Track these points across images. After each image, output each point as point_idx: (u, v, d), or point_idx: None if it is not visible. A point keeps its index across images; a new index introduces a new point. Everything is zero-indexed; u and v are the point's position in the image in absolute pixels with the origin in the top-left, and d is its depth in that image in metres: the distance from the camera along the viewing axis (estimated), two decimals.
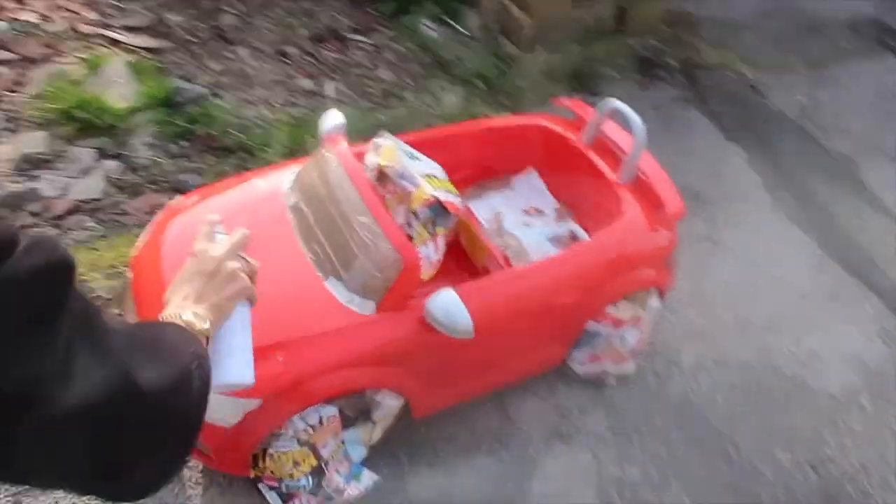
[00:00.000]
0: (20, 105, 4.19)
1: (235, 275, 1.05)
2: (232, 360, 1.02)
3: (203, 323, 0.96)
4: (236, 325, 1.04)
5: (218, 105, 4.32)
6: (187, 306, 0.99)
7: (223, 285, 1.03)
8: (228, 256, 1.06)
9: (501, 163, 3.34)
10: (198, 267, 1.05)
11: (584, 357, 2.98)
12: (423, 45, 5.04)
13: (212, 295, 1.02)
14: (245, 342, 1.05)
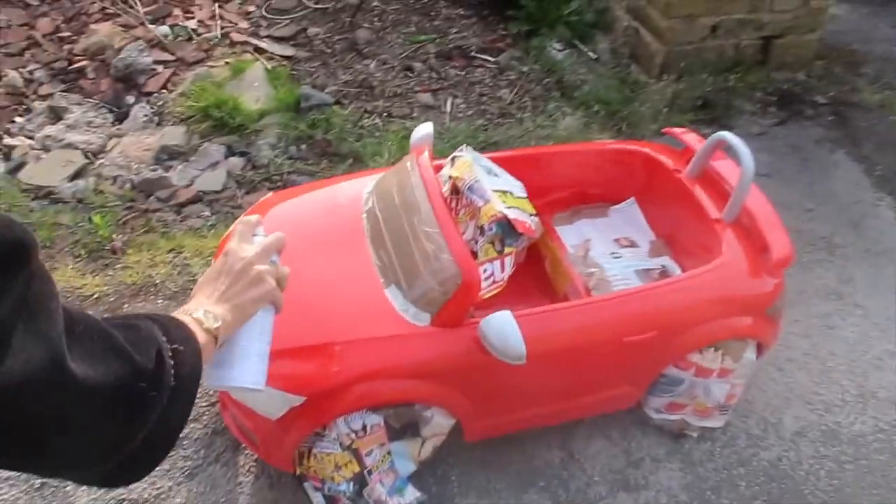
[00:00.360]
0: (168, 102, 4.61)
1: (261, 278, 1.03)
2: (245, 362, 1.02)
3: (214, 322, 0.96)
4: (255, 328, 1.04)
5: (339, 113, 4.51)
6: (205, 304, 1.00)
7: (247, 287, 1.02)
8: (258, 259, 1.05)
9: (599, 188, 3.19)
10: (226, 266, 1.05)
11: (662, 404, 2.75)
12: (548, 67, 4.97)
13: (234, 296, 1.01)
14: (262, 347, 1.05)
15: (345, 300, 2.36)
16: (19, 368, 0.69)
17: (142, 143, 4.36)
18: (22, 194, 3.73)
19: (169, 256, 3.41)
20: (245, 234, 1.11)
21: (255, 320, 1.04)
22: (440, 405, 2.37)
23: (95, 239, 3.44)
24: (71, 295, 3.15)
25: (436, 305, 2.29)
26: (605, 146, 3.24)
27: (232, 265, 1.04)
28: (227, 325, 0.99)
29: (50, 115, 4.47)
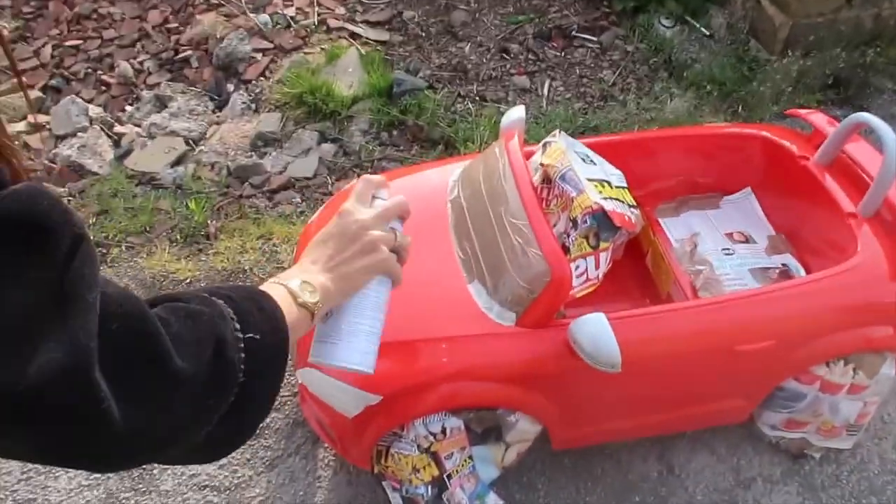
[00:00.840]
0: (265, 89, 4.65)
1: (376, 245, 0.91)
2: (352, 341, 0.90)
3: (311, 296, 0.84)
4: (367, 302, 0.92)
5: (431, 98, 4.38)
6: (308, 271, 0.88)
7: (359, 255, 0.90)
8: (375, 223, 0.92)
9: (711, 177, 2.89)
10: (338, 228, 0.92)
11: (779, 420, 2.45)
12: (655, 46, 4.62)
13: (342, 263, 0.89)
14: (373, 325, 0.93)
15: (425, 295, 2.22)
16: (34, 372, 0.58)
17: (239, 130, 4.42)
18: (127, 180, 3.85)
19: (259, 243, 3.40)
20: (364, 193, 0.97)
21: (367, 293, 0.92)
22: (524, 411, 2.20)
23: (191, 224, 3.49)
24: (165, 279, 3.21)
25: (522, 304, 2.11)
26: (718, 130, 2.93)
27: (344, 228, 0.91)
28: (331, 295, 0.87)
29: (156, 103, 4.62)
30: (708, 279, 2.52)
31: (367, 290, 0.92)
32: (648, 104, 4.24)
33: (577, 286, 2.18)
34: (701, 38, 4.65)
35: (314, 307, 0.84)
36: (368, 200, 0.96)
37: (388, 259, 0.92)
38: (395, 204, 0.96)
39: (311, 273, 0.87)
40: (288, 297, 0.83)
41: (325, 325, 0.91)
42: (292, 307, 0.82)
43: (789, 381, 2.31)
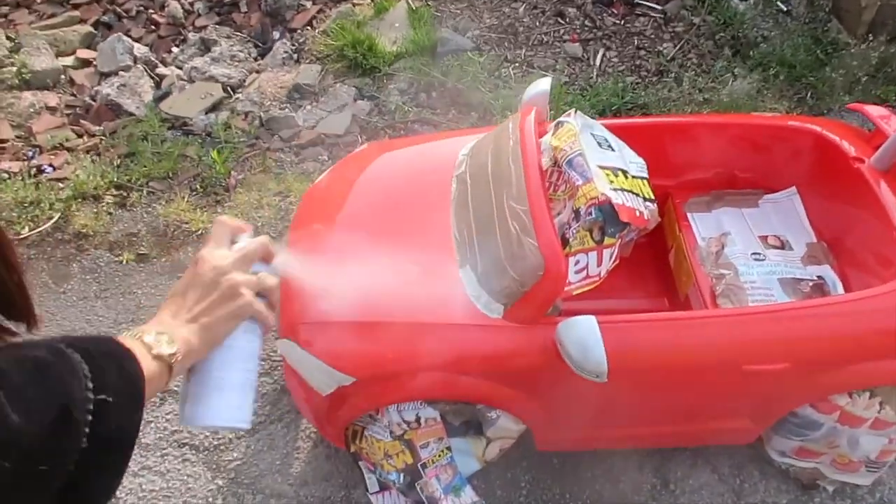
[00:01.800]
0: (309, 39, 4.54)
1: (236, 290, 0.84)
2: (222, 396, 0.84)
3: (167, 347, 0.78)
4: (234, 354, 0.85)
5: (475, 60, 4.18)
6: (165, 324, 0.82)
7: (218, 303, 0.84)
8: (234, 267, 0.86)
9: (753, 172, 2.63)
10: (194, 277, 0.86)
11: (790, 447, 2.24)
12: (724, 20, 4.25)
13: (202, 313, 0.83)
14: (244, 377, 0.86)
15: (413, 276, 2.10)
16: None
17: (278, 79, 4.33)
18: (160, 124, 3.83)
19: (276, 199, 3.34)
20: (220, 236, 0.90)
21: (232, 344, 0.85)
22: (504, 409, 2.07)
23: (213, 175, 3.45)
24: (178, 229, 3.19)
25: (511, 297, 1.96)
26: (766, 120, 2.64)
27: (201, 276, 0.85)
28: (194, 348, 0.81)
29: (200, 46, 4.57)
30: (730, 286, 2.30)
31: (233, 341, 0.85)
32: (706, 83, 3.93)
33: (574, 282, 2.01)
34: (776, 15, 4.25)
35: (171, 359, 0.78)
36: (225, 244, 0.89)
37: (252, 303, 0.86)
38: (257, 245, 0.89)
39: (171, 326, 0.81)
40: (142, 350, 0.77)
41: (190, 382, 0.84)
42: (147, 360, 0.77)
43: (805, 407, 2.10)
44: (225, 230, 0.91)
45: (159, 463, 2.41)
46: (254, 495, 2.35)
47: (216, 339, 0.84)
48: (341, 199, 2.43)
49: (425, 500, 2.23)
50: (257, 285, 0.87)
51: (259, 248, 0.90)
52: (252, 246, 0.89)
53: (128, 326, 2.81)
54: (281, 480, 2.38)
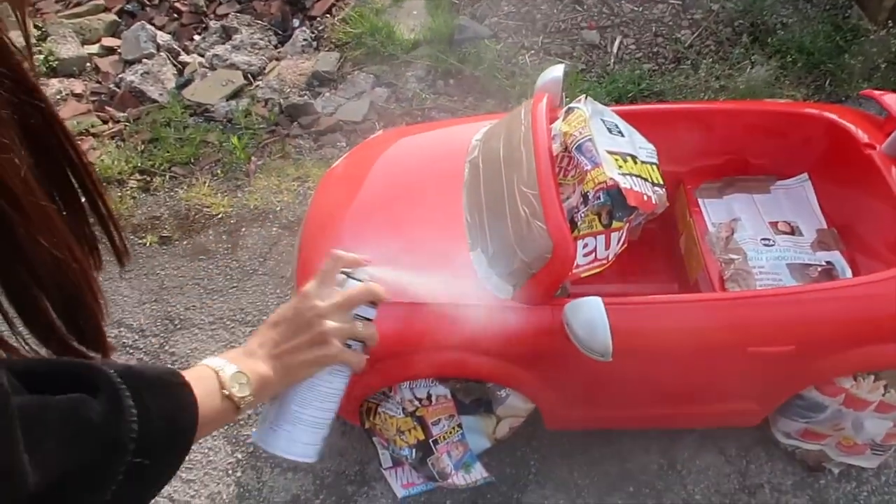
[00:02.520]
0: (328, 27, 4.60)
1: (327, 338, 0.84)
2: (292, 431, 0.86)
3: (242, 389, 0.78)
4: (314, 394, 0.87)
5: (493, 48, 4.21)
6: (251, 356, 0.82)
7: (307, 346, 0.83)
8: (333, 312, 0.85)
9: (765, 159, 2.64)
10: (293, 312, 0.85)
11: (795, 429, 2.27)
12: (744, 6, 4.23)
13: (287, 353, 0.83)
14: (319, 416, 0.88)
15: (426, 258, 2.15)
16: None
17: (297, 67, 4.40)
18: (182, 110, 3.92)
19: (294, 185, 3.41)
20: (329, 273, 0.88)
21: (315, 383, 0.86)
22: (513, 387, 2.12)
23: (233, 160, 3.53)
24: (199, 213, 3.28)
25: (520, 278, 2.01)
26: (778, 107, 2.65)
27: (299, 314, 0.85)
28: (270, 385, 0.82)
29: (222, 34, 4.65)
30: (738, 270, 2.32)
31: (317, 380, 0.86)
32: (723, 71, 3.92)
33: (583, 265, 2.06)
34: (797, 1, 4.22)
35: (240, 402, 0.78)
36: (333, 282, 0.88)
37: (340, 354, 0.85)
38: (364, 290, 0.88)
39: (253, 359, 0.81)
40: (215, 386, 0.77)
41: (271, 407, 0.86)
42: (215, 398, 0.76)
43: (810, 389, 2.13)
44: (337, 265, 0.89)
45: None
46: (271, 468, 2.44)
47: (295, 379, 0.84)
48: (357, 183, 2.49)
49: (436, 476, 2.30)
50: (352, 334, 0.86)
51: (363, 295, 0.88)
52: (355, 292, 0.87)
53: (151, 306, 2.91)
54: None
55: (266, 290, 2.95)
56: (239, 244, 3.14)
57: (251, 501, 2.37)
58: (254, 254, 3.10)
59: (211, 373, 0.78)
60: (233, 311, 2.88)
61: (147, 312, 2.88)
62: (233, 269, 3.04)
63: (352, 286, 0.88)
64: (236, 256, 3.09)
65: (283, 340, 0.83)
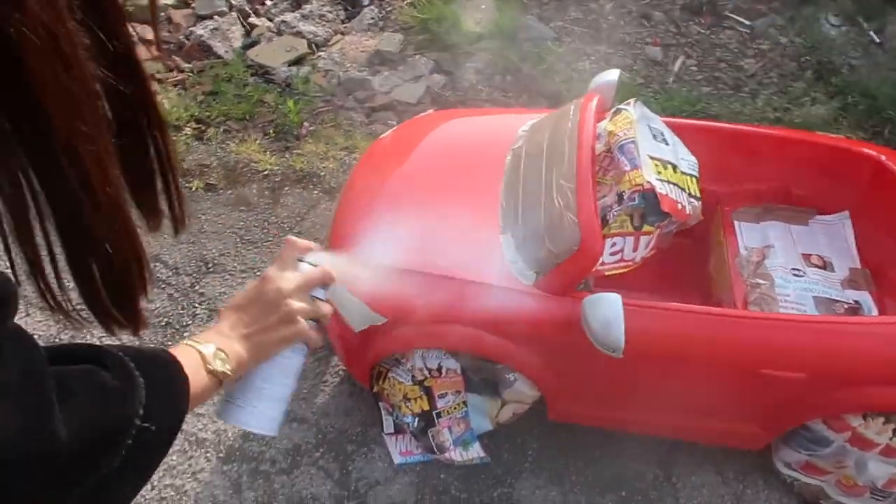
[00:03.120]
0: (396, 9, 4.68)
1: (293, 317, 0.90)
2: (258, 405, 0.92)
3: (222, 365, 0.84)
4: (277, 369, 0.93)
5: (554, 50, 4.24)
6: (224, 335, 0.88)
7: (275, 325, 0.90)
8: (295, 292, 0.91)
9: (808, 190, 2.63)
10: (258, 295, 0.91)
11: (797, 460, 2.27)
12: (812, 43, 4.20)
13: (258, 332, 0.89)
14: (280, 391, 0.94)
15: (459, 235, 2.21)
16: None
17: (361, 44, 4.49)
18: (244, 69, 4.04)
19: (341, 154, 3.50)
20: (289, 259, 0.95)
21: (278, 360, 0.92)
22: (522, 372, 2.16)
23: (286, 122, 3.63)
24: (246, 167, 3.39)
25: (544, 267, 2.05)
26: (829, 140, 2.63)
27: (264, 296, 0.91)
28: (244, 363, 0.88)
29: (293, 2, 4.77)
30: (763, 295, 2.33)
31: (280, 357, 0.92)
32: (782, 103, 3.89)
33: (608, 263, 2.09)
34: (867, 44, 4.17)
35: (222, 376, 0.83)
36: (291, 266, 0.94)
37: (305, 331, 0.91)
38: (319, 273, 0.94)
39: (227, 339, 0.87)
40: (199, 362, 0.82)
41: (234, 386, 0.91)
42: (201, 372, 0.81)
43: (817, 422, 2.12)
44: (293, 250, 0.95)
45: None
46: None
47: (265, 356, 0.90)
48: (401, 156, 2.56)
49: (435, 448, 2.35)
50: (313, 313, 0.93)
51: (320, 276, 0.94)
52: (314, 273, 0.94)
53: (188, 247, 3.02)
54: (305, 407, 2.54)
55: None
56: (280, 202, 3.24)
57: (254, 443, 2.46)
58: (292, 213, 3.19)
59: (194, 351, 0.83)
60: (264, 263, 2.97)
61: (183, 252, 3.00)
62: (270, 223, 3.14)
63: (307, 270, 0.93)
64: (275, 213, 3.19)
65: (253, 321, 0.88)
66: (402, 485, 2.40)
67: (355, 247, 2.27)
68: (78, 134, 0.54)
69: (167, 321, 2.77)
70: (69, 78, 0.52)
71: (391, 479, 2.41)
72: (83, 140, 0.54)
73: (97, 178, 0.56)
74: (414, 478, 2.41)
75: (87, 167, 0.55)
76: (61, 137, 0.53)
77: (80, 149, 0.54)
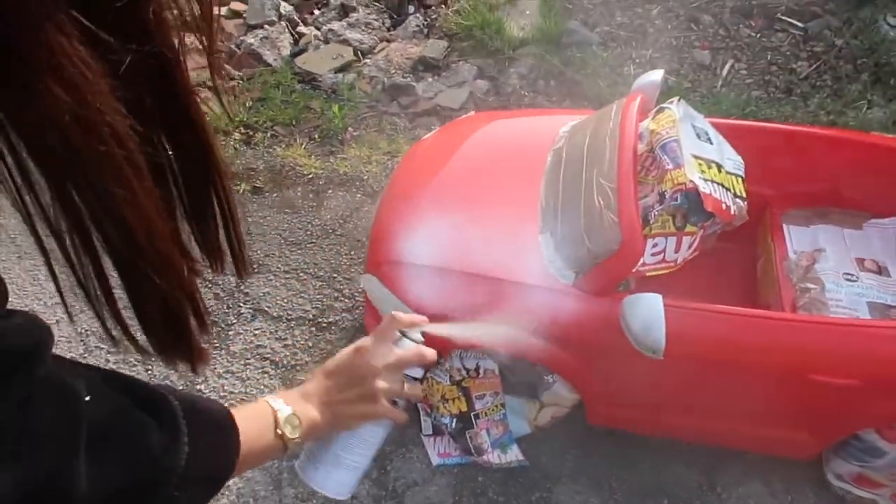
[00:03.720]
0: (441, 17, 4.72)
1: (376, 397, 0.89)
2: (332, 471, 0.93)
3: (293, 432, 0.83)
4: (357, 440, 0.93)
5: (599, 55, 4.21)
6: (305, 399, 0.88)
7: (357, 401, 0.89)
8: (385, 372, 0.90)
9: (862, 193, 2.54)
10: (349, 364, 0.90)
11: (849, 472, 2.18)
12: (870, 45, 4.06)
13: (338, 403, 0.89)
14: (356, 461, 0.93)
15: (498, 234, 2.21)
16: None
17: (406, 51, 4.54)
18: (292, 76, 4.13)
19: (384, 158, 3.53)
20: (386, 332, 0.92)
21: (359, 431, 0.92)
22: (560, 373, 2.14)
23: (331, 127, 3.70)
24: (291, 171, 3.45)
25: (584, 266, 2.03)
26: (882, 140, 2.54)
27: (354, 368, 0.90)
28: (318, 429, 0.88)
29: (340, 11, 4.86)
30: (814, 300, 2.25)
31: (361, 430, 0.92)
32: (837, 107, 3.77)
33: (649, 264, 2.05)
34: None
35: (290, 442, 0.83)
36: (390, 340, 0.92)
37: (384, 412, 0.90)
38: (415, 353, 0.92)
39: (307, 403, 0.87)
40: (270, 422, 0.82)
41: (316, 445, 0.93)
42: (269, 433, 0.82)
43: (869, 431, 2.04)
44: (394, 326, 0.92)
45: (241, 370, 2.66)
46: None
47: (341, 427, 0.90)
48: (443, 157, 2.58)
49: (473, 450, 2.34)
50: (399, 394, 0.92)
51: (415, 357, 0.92)
52: (408, 355, 0.91)
53: None
54: None
55: (341, 251, 3.08)
56: (324, 204, 3.29)
57: None
58: (336, 215, 3.24)
59: (269, 411, 0.83)
60: (307, 265, 3.02)
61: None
62: (314, 226, 3.18)
63: (406, 346, 0.92)
64: (319, 215, 3.24)
65: (336, 391, 0.88)
66: (439, 486, 2.39)
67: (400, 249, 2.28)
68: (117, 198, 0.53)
69: (212, 319, 2.84)
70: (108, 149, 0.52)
71: (429, 481, 2.40)
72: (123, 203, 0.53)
73: (143, 234, 0.55)
74: (452, 479, 2.41)
75: (132, 226, 0.55)
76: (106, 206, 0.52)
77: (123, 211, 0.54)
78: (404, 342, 0.92)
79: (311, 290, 2.93)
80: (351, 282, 2.94)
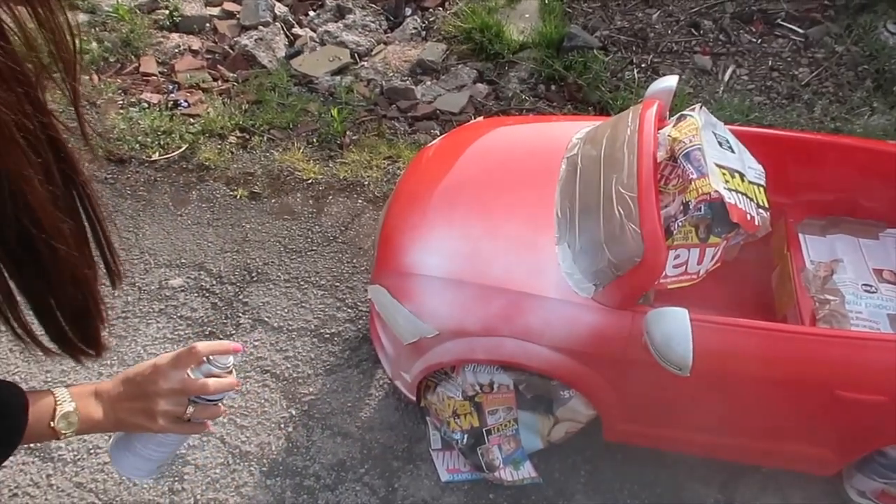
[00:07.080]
0: (439, 19, 4.65)
1: (154, 416, 0.94)
2: (134, 461, 1.01)
3: (66, 428, 0.90)
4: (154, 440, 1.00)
5: (600, 59, 4.16)
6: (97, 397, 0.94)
7: (139, 413, 0.94)
8: (168, 396, 0.94)
9: (879, 203, 2.50)
10: (141, 379, 0.94)
11: (871, 489, 2.13)
12: (870, 52, 4.04)
13: (123, 410, 0.95)
14: (153, 453, 1.01)
15: (513, 244, 2.14)
16: None
17: (403, 53, 4.46)
18: (288, 79, 4.03)
19: (385, 162, 3.45)
20: (184, 360, 0.94)
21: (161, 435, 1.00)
22: (578, 389, 2.07)
23: (330, 131, 3.61)
24: (290, 176, 3.36)
25: (604, 279, 1.96)
26: None
27: (145, 384, 0.94)
28: (99, 427, 0.94)
29: (336, 12, 4.77)
30: (833, 312, 2.20)
31: None
32: (840, 114, 3.75)
33: (671, 276, 1.99)
34: None
35: (61, 436, 0.90)
36: (186, 366, 0.94)
37: (162, 428, 0.95)
38: (197, 386, 0.94)
39: (95, 401, 0.94)
40: (47, 412, 0.89)
41: (123, 436, 1.01)
42: (43, 422, 0.88)
43: (894, 447, 1.99)
44: (190, 360, 0.95)
45: (241, 383, 2.56)
46: (322, 430, 2.46)
47: (124, 429, 0.98)
48: (449, 165, 2.50)
49: (484, 466, 2.27)
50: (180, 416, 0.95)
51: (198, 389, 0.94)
52: (193, 384, 0.94)
53: (232, 256, 2.99)
54: (349, 421, 2.48)
55: (342, 259, 2.99)
56: (324, 210, 3.20)
57: (298, 457, 2.39)
58: (336, 221, 3.15)
59: (51, 404, 0.89)
60: (308, 273, 2.93)
61: (227, 261, 2.97)
62: (314, 232, 3.09)
63: (204, 373, 0.94)
64: (319, 222, 3.15)
65: (125, 398, 0.94)
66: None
67: (406, 256, 2.21)
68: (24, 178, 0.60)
69: (211, 330, 2.74)
70: None
71: (438, 498, 2.33)
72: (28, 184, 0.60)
73: (47, 218, 0.63)
74: (462, 497, 2.33)
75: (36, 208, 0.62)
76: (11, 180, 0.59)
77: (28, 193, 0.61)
78: (203, 368, 0.95)
79: (313, 299, 2.83)
80: (354, 291, 2.85)
